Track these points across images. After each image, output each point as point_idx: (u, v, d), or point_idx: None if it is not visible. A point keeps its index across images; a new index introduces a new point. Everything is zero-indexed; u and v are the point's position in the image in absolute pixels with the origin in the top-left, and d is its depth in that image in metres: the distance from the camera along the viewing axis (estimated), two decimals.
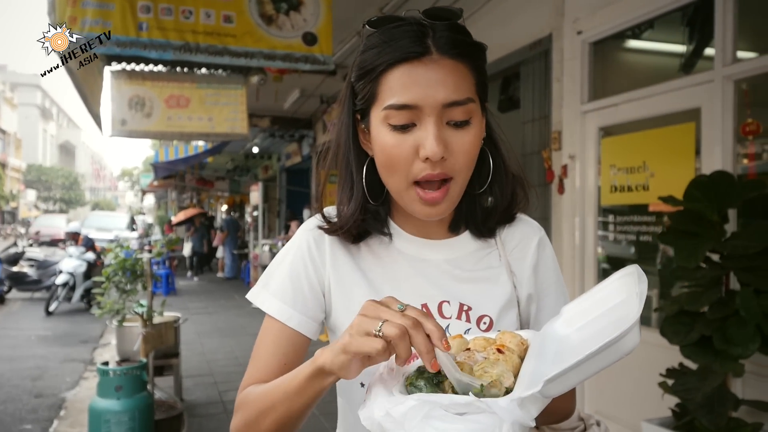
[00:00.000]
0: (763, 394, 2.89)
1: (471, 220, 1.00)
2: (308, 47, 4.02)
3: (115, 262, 4.17)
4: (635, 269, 0.77)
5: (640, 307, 0.68)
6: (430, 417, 0.66)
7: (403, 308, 0.71)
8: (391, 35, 0.86)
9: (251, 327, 8.65)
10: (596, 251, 4.30)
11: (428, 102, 0.84)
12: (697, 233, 2.79)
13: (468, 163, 0.89)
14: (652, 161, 3.80)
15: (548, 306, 1.01)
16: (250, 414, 0.88)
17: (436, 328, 0.70)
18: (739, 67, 3.22)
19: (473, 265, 1.00)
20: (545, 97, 4.57)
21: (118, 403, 3.36)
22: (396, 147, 0.86)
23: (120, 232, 20.93)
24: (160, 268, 11.85)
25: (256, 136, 12.44)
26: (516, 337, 0.83)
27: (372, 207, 0.97)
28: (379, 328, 0.69)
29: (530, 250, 1.02)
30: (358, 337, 0.71)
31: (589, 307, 0.80)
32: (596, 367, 0.68)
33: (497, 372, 0.74)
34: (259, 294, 1.00)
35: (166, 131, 7.05)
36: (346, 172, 0.98)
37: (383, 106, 0.86)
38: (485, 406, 0.66)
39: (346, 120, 0.96)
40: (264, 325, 0.99)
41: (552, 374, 0.66)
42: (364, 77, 0.89)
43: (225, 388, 5.52)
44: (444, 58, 0.85)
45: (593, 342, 0.67)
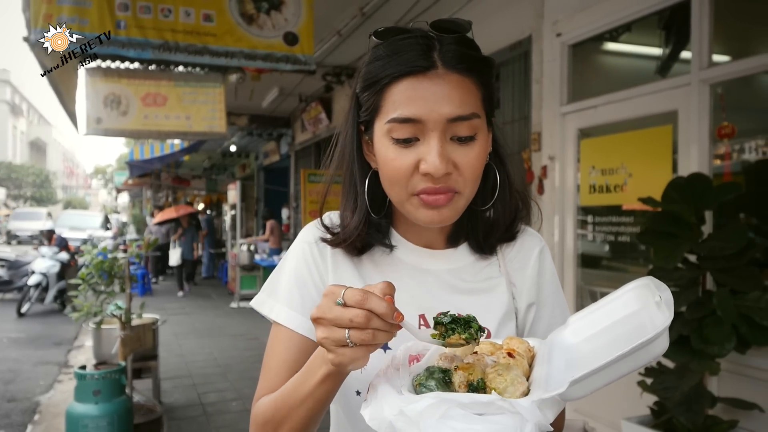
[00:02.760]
0: (738, 392, 2.96)
1: (471, 235, 1.00)
2: (289, 47, 4.00)
3: (92, 263, 4.10)
4: (650, 280, 0.77)
5: (671, 312, 0.67)
6: (447, 417, 0.65)
7: (343, 301, 0.69)
8: (397, 47, 0.85)
9: (229, 327, 8.58)
10: (576, 250, 4.35)
11: (432, 117, 0.83)
12: (675, 234, 2.84)
13: (473, 179, 0.88)
14: (630, 162, 3.86)
15: (544, 317, 1.01)
16: (266, 428, 0.87)
17: (383, 308, 0.68)
18: (715, 71, 3.29)
19: (473, 276, 0.99)
20: (525, 99, 4.61)
21: (97, 407, 3.30)
22: (397, 160, 0.85)
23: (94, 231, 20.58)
24: (136, 268, 11.69)
25: (234, 134, 12.32)
26: (524, 343, 0.83)
27: (375, 220, 0.96)
28: (349, 339, 0.68)
29: (531, 260, 1.02)
30: (342, 351, 0.70)
31: (598, 318, 0.79)
32: (623, 370, 0.67)
33: (511, 376, 0.73)
34: (265, 302, 0.98)
35: (143, 130, 6.93)
36: (350, 184, 0.97)
37: (387, 120, 0.85)
38: (508, 405, 0.65)
39: (350, 131, 0.95)
40: (272, 334, 0.97)
41: (578, 375, 0.66)
42: (369, 89, 0.88)
43: (204, 390, 5.46)
44: (450, 72, 0.84)
45: (609, 351, 0.66)
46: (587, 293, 4.35)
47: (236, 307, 10.31)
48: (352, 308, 0.69)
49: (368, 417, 0.70)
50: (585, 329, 0.79)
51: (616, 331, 0.74)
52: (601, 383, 0.67)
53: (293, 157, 11.55)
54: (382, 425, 0.68)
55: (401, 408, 0.67)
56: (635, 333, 0.67)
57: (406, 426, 0.66)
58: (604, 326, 0.77)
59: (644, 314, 0.73)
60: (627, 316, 0.75)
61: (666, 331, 0.67)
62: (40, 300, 9.79)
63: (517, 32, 4.61)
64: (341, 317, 0.69)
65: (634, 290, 0.78)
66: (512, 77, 4.68)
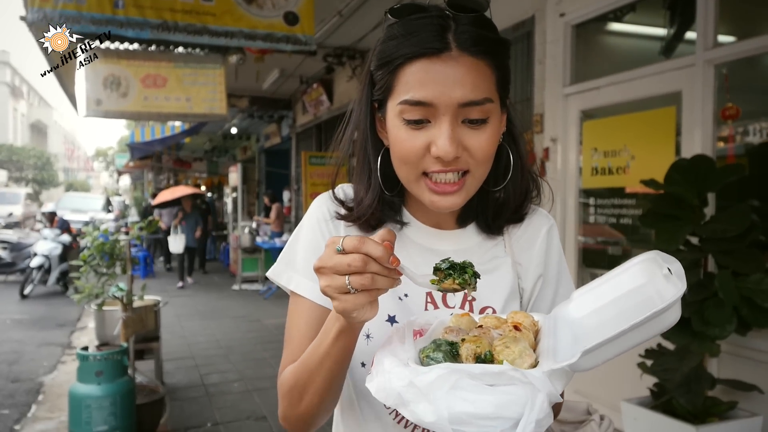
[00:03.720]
0: (737, 374, 2.97)
1: (480, 216, 1.00)
2: (290, 27, 3.95)
3: (93, 245, 4.10)
4: (656, 254, 0.76)
5: (683, 283, 0.67)
6: (457, 387, 0.64)
7: (342, 248, 0.71)
8: (412, 27, 0.83)
9: (231, 309, 8.62)
10: (577, 233, 4.35)
11: (444, 100, 0.82)
12: (677, 216, 2.83)
13: (484, 161, 0.87)
14: (632, 144, 3.83)
15: (548, 296, 1.01)
16: (292, 394, 0.88)
17: (380, 252, 0.70)
18: (719, 52, 3.25)
19: (480, 257, 0.99)
20: (528, 80, 4.57)
21: (99, 388, 3.32)
22: (408, 141, 0.85)
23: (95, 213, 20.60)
24: (138, 250, 11.72)
25: (235, 116, 12.27)
26: (528, 317, 0.82)
27: (388, 197, 0.96)
28: (349, 285, 0.70)
29: (538, 239, 1.02)
30: (345, 297, 0.71)
31: (603, 292, 0.78)
32: (635, 341, 0.67)
33: (519, 348, 0.72)
34: (283, 273, 0.99)
35: (143, 111, 6.91)
36: (364, 162, 0.96)
37: (399, 101, 0.84)
38: (520, 375, 0.65)
39: (364, 108, 0.94)
40: (292, 306, 0.98)
41: (591, 344, 0.65)
42: (383, 68, 0.87)
43: (206, 371, 5.49)
44: (464, 55, 0.82)
45: (616, 324, 0.66)
46: (588, 274, 4.35)
47: (238, 290, 10.35)
48: (350, 254, 0.70)
49: (374, 389, 0.70)
50: (590, 303, 0.79)
51: (622, 304, 0.74)
52: (612, 353, 0.67)
53: (294, 139, 11.50)
54: (390, 397, 0.68)
55: (411, 379, 0.66)
56: (643, 306, 0.67)
57: (415, 397, 0.66)
58: (609, 300, 0.77)
59: (651, 287, 0.72)
60: (633, 290, 0.75)
61: (679, 301, 0.66)
62: (43, 282, 9.83)
63: (520, 12, 4.55)
64: (340, 263, 0.70)
65: (640, 264, 0.78)
66: (515, 58, 4.63)
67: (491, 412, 0.64)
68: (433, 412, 0.65)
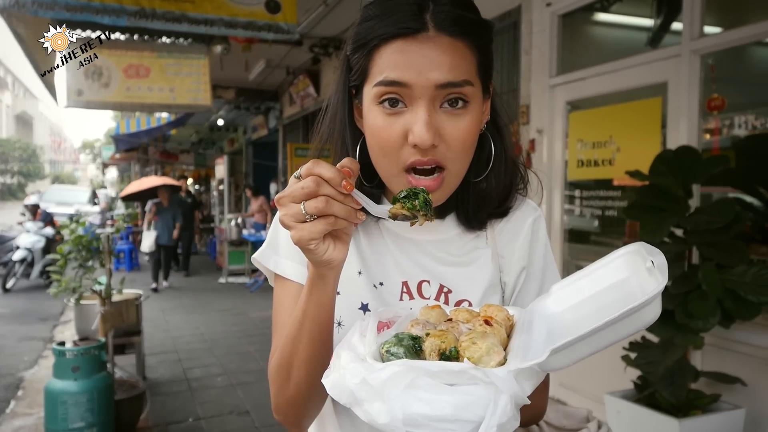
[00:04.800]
0: (720, 366, 2.96)
1: (461, 209, 0.94)
2: (271, 15, 3.87)
3: (71, 238, 4.02)
4: (640, 246, 0.72)
5: (664, 277, 0.62)
6: (414, 386, 0.60)
7: (299, 175, 0.70)
8: (388, 7, 0.80)
9: (217, 303, 8.54)
10: (563, 225, 4.32)
11: (420, 81, 0.77)
12: (662, 208, 2.80)
13: (463, 152, 0.83)
14: (618, 136, 3.80)
15: (532, 290, 0.96)
16: (280, 374, 0.84)
17: (331, 173, 0.68)
18: (705, 42, 3.22)
19: (458, 248, 0.95)
20: (514, 70, 4.52)
21: (76, 384, 3.25)
22: (385, 130, 0.81)
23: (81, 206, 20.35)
24: (122, 243, 11.59)
25: (221, 108, 12.15)
26: (502, 311, 0.77)
27: (367, 189, 0.91)
28: (304, 210, 0.68)
29: (523, 230, 0.97)
30: (301, 226, 0.69)
31: (584, 286, 0.74)
32: (609, 339, 0.62)
33: (487, 344, 0.67)
34: (270, 257, 0.95)
35: (126, 102, 6.81)
36: (341, 151, 0.92)
37: (374, 83, 0.81)
38: (481, 375, 0.60)
39: (341, 96, 0.90)
40: (278, 290, 0.94)
41: (560, 343, 0.60)
42: (358, 51, 0.83)
43: (189, 365, 5.43)
44: (441, 35, 0.78)
45: (595, 320, 0.61)
46: (574, 268, 4.32)
47: (224, 283, 10.27)
48: (304, 178, 0.69)
49: (329, 386, 0.65)
50: (569, 297, 0.75)
51: (603, 299, 0.70)
52: (585, 353, 0.62)
53: (281, 131, 11.40)
54: (344, 395, 0.63)
55: (364, 376, 0.61)
56: (624, 301, 0.62)
57: (368, 396, 0.61)
58: (589, 294, 0.72)
59: (634, 281, 0.68)
60: (615, 284, 0.71)
61: (658, 297, 0.62)
62: (26, 275, 9.70)
63: (506, 2, 4.50)
64: (295, 188, 0.69)
65: (624, 256, 0.73)
66: (501, 48, 4.58)
67: (449, 414, 0.59)
68: (387, 412, 0.59)
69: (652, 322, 0.63)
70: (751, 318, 2.61)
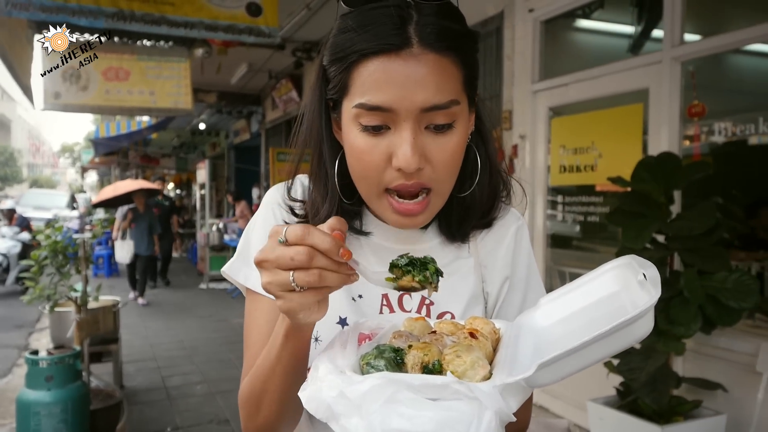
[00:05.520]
0: (702, 372, 2.96)
1: (443, 220, 0.90)
2: (252, 18, 3.82)
3: (47, 244, 3.92)
4: (632, 259, 0.69)
5: (657, 291, 0.60)
6: (394, 400, 0.56)
7: (284, 239, 0.62)
8: (367, 18, 0.73)
9: (197, 309, 8.43)
10: (545, 230, 4.32)
11: (404, 105, 0.72)
12: (644, 214, 2.80)
13: (450, 173, 0.79)
14: (600, 142, 3.81)
15: (515, 302, 0.93)
16: (249, 405, 0.80)
17: (327, 244, 0.62)
18: (686, 49, 3.24)
19: (440, 259, 0.90)
20: (497, 76, 4.52)
21: (49, 394, 3.16)
22: (366, 152, 0.75)
23: (60, 210, 20.04)
24: (101, 249, 11.41)
25: (203, 111, 12.04)
26: (489, 324, 0.74)
27: (347, 207, 0.86)
28: (293, 282, 0.62)
29: (506, 239, 0.93)
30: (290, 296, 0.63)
31: (573, 299, 0.71)
32: (599, 355, 0.59)
33: (472, 358, 0.64)
34: (240, 270, 0.89)
35: (104, 105, 6.70)
36: (319, 167, 0.86)
37: (354, 103, 0.75)
38: (465, 389, 0.57)
39: (317, 107, 0.84)
40: (250, 304, 0.89)
41: (548, 357, 0.58)
42: (336, 64, 0.77)
43: (168, 373, 5.34)
44: (426, 52, 0.72)
45: (584, 334, 0.58)
46: (557, 273, 4.33)
47: (206, 288, 10.15)
48: (293, 246, 0.62)
49: (305, 400, 0.61)
50: (558, 311, 0.72)
51: (592, 313, 0.67)
52: (574, 368, 0.60)
53: (264, 135, 11.33)
54: (320, 408, 0.60)
55: (342, 389, 0.58)
56: (614, 315, 0.59)
57: (346, 410, 0.57)
58: (579, 308, 0.70)
59: (625, 296, 0.66)
60: (605, 298, 0.68)
61: (650, 311, 0.59)
62: (1, 281, 9.50)
63: (489, 8, 4.51)
64: (282, 256, 0.62)
65: (614, 270, 0.71)
66: (484, 54, 4.58)
67: (431, 430, 0.56)
68: (366, 428, 0.56)
69: (644, 336, 0.60)
70: (732, 324, 2.62)
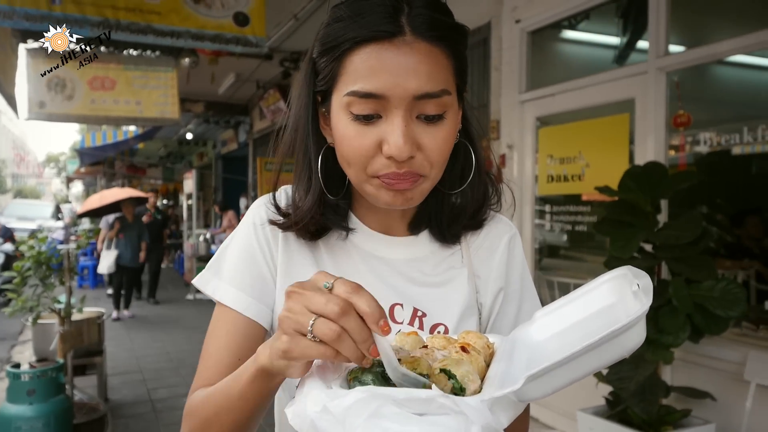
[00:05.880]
0: (690, 381, 2.97)
1: (434, 222, 0.90)
2: (240, 28, 3.81)
3: (30, 254, 3.86)
4: (627, 270, 0.68)
5: (648, 299, 0.59)
6: (378, 415, 0.54)
7: (330, 285, 0.59)
8: (360, 8, 0.74)
9: (184, 320, 8.34)
10: (533, 239, 4.33)
11: (397, 92, 0.72)
12: (632, 223, 2.81)
13: (440, 162, 0.78)
14: (587, 151, 3.83)
15: (509, 313, 0.92)
16: (195, 425, 0.77)
17: (371, 309, 0.58)
18: (671, 60, 3.27)
19: (432, 268, 0.90)
20: (484, 86, 4.54)
21: (31, 408, 3.10)
22: (356, 139, 0.75)
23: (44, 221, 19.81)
24: (86, 259, 11.29)
25: (190, 121, 11.99)
26: (482, 338, 0.73)
27: (332, 201, 0.85)
28: (311, 327, 0.58)
29: (499, 248, 0.93)
30: (297, 339, 0.59)
31: (568, 312, 0.70)
32: (590, 366, 0.58)
33: (462, 372, 0.63)
34: (209, 281, 0.88)
35: (90, 115, 6.64)
36: (304, 161, 0.86)
37: (345, 92, 0.74)
38: (450, 403, 0.55)
39: (305, 101, 0.83)
40: (215, 316, 0.87)
41: (537, 369, 0.56)
42: (327, 54, 0.76)
43: (154, 386, 5.26)
44: (419, 40, 0.73)
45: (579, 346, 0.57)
46: (545, 283, 4.33)
47: (192, 299, 10.05)
48: (334, 295, 0.59)
49: (290, 416, 0.59)
50: (553, 325, 0.70)
51: (588, 326, 0.65)
52: (565, 381, 0.58)
53: (251, 145, 11.29)
54: (304, 424, 0.57)
55: (325, 404, 0.56)
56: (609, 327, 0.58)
57: (329, 425, 0.55)
58: (574, 321, 0.68)
59: (620, 307, 0.65)
60: (601, 310, 0.67)
61: (641, 320, 0.57)
62: None
63: (476, 18, 4.53)
64: (317, 298, 0.59)
65: (610, 281, 0.69)
66: (471, 64, 4.59)
67: None
68: None
69: (636, 347, 0.59)
70: (719, 332, 2.63)
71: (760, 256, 3.88)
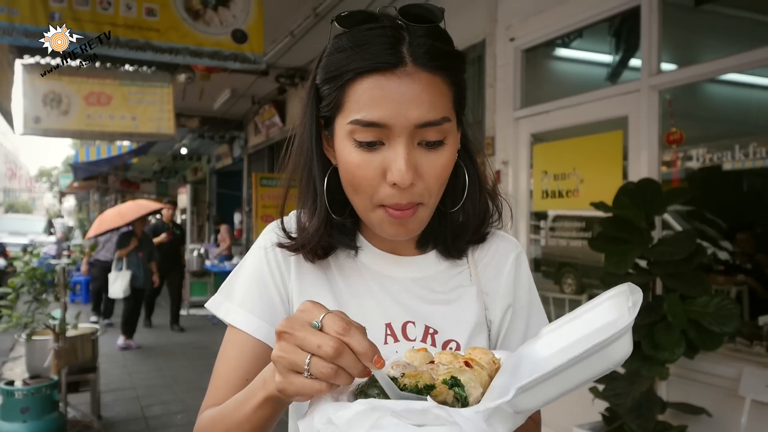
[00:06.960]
0: (686, 397, 2.98)
1: (439, 239, 0.93)
2: (238, 45, 3.85)
3: (24, 270, 3.85)
4: (627, 286, 0.70)
5: (634, 312, 0.61)
6: (378, 426, 0.57)
7: (320, 325, 0.60)
8: (362, 38, 0.76)
9: (178, 336, 8.29)
10: (529, 255, 4.35)
11: (399, 121, 0.74)
12: (627, 240, 2.83)
13: (439, 188, 0.81)
14: (582, 168, 3.87)
15: (518, 329, 0.94)
16: None
17: (364, 348, 0.60)
18: (663, 78, 3.32)
19: (442, 285, 0.92)
20: (479, 103, 4.59)
21: (25, 426, 3.07)
22: (361, 167, 0.77)
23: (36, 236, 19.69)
24: (79, 275, 11.20)
25: (185, 136, 12.01)
26: (488, 354, 0.75)
27: (338, 221, 0.88)
28: (307, 366, 0.60)
29: (506, 266, 0.95)
30: (292, 378, 0.61)
31: (573, 329, 0.72)
32: (579, 378, 0.60)
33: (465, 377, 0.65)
34: (221, 304, 0.90)
35: (86, 130, 6.66)
36: (309, 183, 0.88)
37: (349, 120, 0.77)
38: (446, 415, 0.57)
39: (308, 125, 0.86)
40: (226, 338, 0.89)
41: (526, 381, 0.58)
42: (330, 82, 0.79)
43: (147, 403, 5.22)
44: (420, 70, 0.75)
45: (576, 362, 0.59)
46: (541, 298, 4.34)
47: (186, 315, 9.99)
48: (326, 335, 0.60)
49: (302, 428, 0.62)
50: (558, 341, 0.73)
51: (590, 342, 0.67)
52: (555, 393, 0.60)
53: (246, 160, 11.31)
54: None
55: (330, 416, 0.59)
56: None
57: None
58: (578, 337, 0.70)
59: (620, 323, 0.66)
60: (604, 327, 0.69)
61: (627, 333, 0.59)
62: None
63: (470, 36, 4.59)
64: (309, 339, 0.60)
65: (612, 298, 0.72)
66: (467, 81, 4.65)
67: None
68: None
69: (623, 360, 0.61)
70: (714, 348, 2.64)
71: (752, 272, 3.91)
